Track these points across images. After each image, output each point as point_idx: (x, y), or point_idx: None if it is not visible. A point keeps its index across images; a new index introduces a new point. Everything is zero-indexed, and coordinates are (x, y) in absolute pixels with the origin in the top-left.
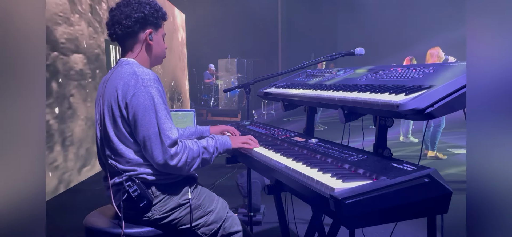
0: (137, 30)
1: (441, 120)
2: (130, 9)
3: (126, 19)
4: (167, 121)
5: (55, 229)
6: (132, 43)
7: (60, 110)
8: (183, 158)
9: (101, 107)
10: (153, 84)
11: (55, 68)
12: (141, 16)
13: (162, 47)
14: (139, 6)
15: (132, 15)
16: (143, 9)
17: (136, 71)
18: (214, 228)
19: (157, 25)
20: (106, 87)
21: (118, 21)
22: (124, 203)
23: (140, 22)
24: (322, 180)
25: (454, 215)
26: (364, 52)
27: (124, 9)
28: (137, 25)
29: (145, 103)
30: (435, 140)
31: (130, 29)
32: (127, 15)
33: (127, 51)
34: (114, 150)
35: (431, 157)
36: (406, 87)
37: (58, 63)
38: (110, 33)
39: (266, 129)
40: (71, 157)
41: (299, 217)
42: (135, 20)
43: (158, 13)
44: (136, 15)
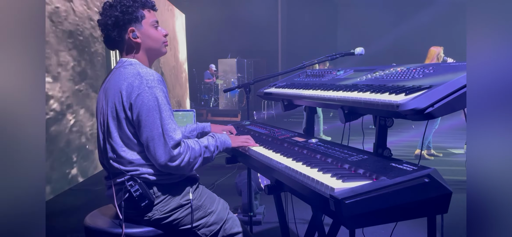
0: (118, 35)
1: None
2: (104, 17)
3: (104, 29)
4: (171, 122)
5: (55, 229)
6: (123, 47)
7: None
8: (185, 159)
9: (104, 107)
10: (158, 84)
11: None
12: (113, 20)
13: (154, 37)
14: (110, 10)
15: (107, 23)
16: (114, 12)
17: (140, 72)
18: (214, 229)
19: (136, 20)
20: (109, 88)
21: (102, 31)
22: (125, 203)
23: (117, 25)
24: (322, 180)
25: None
26: (364, 52)
27: (101, 20)
28: (115, 30)
29: (149, 104)
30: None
31: (112, 37)
32: (103, 24)
33: (124, 54)
34: (116, 151)
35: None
36: (406, 87)
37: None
38: (104, 43)
39: (266, 129)
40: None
41: (299, 217)
42: (111, 27)
43: (132, 6)
44: (110, 22)
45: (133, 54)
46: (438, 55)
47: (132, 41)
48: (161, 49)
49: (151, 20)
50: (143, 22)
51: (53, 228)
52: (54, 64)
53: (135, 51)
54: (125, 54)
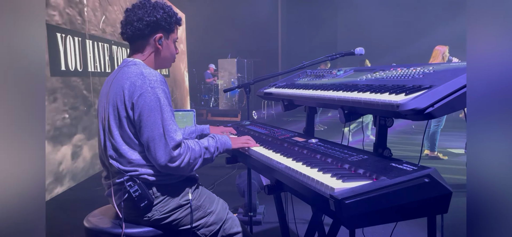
0: (148, 34)
1: (441, 120)
2: (143, 12)
3: (138, 21)
4: (172, 123)
5: (55, 229)
6: (142, 45)
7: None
8: (185, 159)
9: (105, 106)
10: (160, 85)
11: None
12: (153, 20)
13: (171, 52)
14: (153, 10)
15: (144, 18)
16: (156, 14)
17: (144, 72)
18: (214, 229)
19: (169, 30)
20: (111, 86)
21: (130, 22)
22: (125, 203)
23: (152, 25)
24: (322, 180)
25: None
26: (364, 52)
27: (138, 11)
28: (148, 29)
29: (151, 104)
30: (435, 140)
31: (140, 32)
32: (139, 17)
33: (136, 51)
34: (117, 150)
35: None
36: (406, 87)
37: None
38: (122, 32)
39: (266, 129)
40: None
41: (299, 217)
42: (146, 24)
43: (171, 18)
44: (148, 19)
45: (146, 56)
46: (443, 54)
47: (156, 44)
48: (170, 63)
49: (175, 37)
50: (171, 36)
51: (53, 228)
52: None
53: (149, 53)
54: (136, 54)
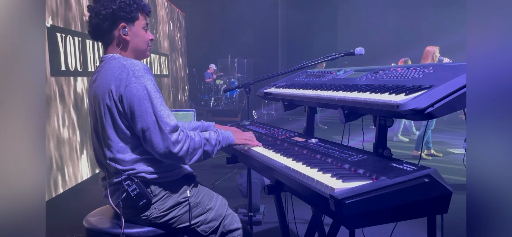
0: (108, 27)
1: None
2: (99, 6)
3: (96, 16)
4: (163, 108)
5: (55, 229)
6: (110, 39)
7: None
8: (184, 147)
9: (95, 106)
10: (144, 73)
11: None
12: (110, 12)
13: (143, 39)
14: (109, 2)
15: (101, 12)
16: (112, 5)
17: (125, 64)
18: (213, 225)
19: (131, 19)
20: (97, 85)
21: (90, 18)
22: (123, 203)
23: (110, 18)
24: (322, 180)
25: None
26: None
27: (95, 6)
28: (107, 22)
29: (138, 94)
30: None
31: (100, 26)
32: (96, 12)
33: (108, 46)
34: (113, 150)
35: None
36: (406, 87)
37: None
38: (88, 31)
39: (266, 129)
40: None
41: (299, 217)
42: (104, 17)
43: (131, 6)
44: (105, 12)
45: (119, 50)
46: (433, 55)
47: (121, 37)
48: (146, 52)
49: (142, 24)
50: (136, 23)
51: (53, 228)
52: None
53: (121, 47)
54: (108, 49)
